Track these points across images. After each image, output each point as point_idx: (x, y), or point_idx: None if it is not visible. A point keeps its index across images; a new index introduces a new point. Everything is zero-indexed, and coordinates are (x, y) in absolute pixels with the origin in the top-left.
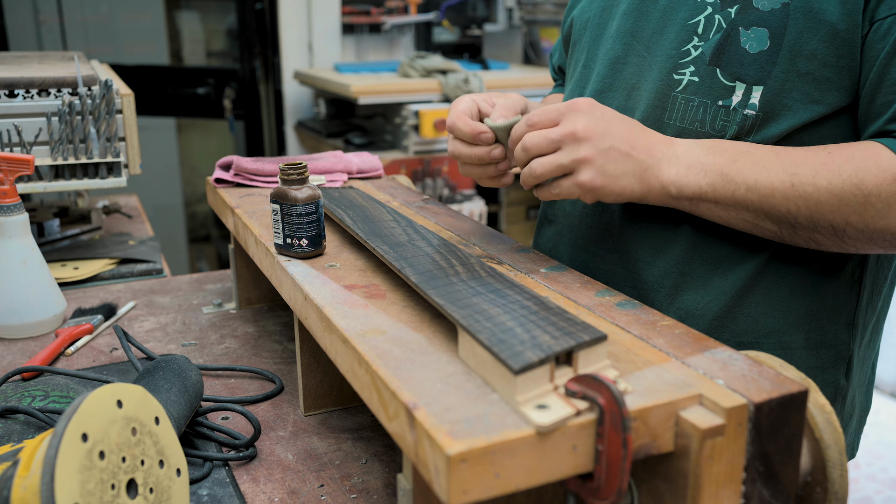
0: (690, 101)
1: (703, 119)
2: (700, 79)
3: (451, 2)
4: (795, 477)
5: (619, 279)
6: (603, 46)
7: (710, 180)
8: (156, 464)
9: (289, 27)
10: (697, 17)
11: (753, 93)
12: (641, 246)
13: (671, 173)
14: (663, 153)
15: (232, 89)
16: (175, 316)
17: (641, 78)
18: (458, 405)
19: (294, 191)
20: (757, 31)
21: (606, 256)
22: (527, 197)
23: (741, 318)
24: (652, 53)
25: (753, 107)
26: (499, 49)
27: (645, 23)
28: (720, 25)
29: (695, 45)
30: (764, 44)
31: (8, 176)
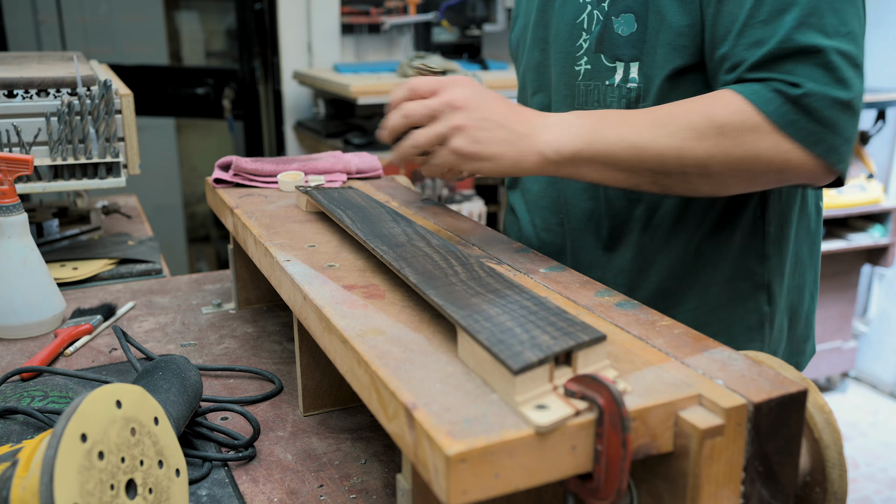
0: (588, 85)
1: (599, 99)
2: (592, 66)
3: (450, 2)
4: (795, 477)
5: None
6: (526, 56)
7: (584, 138)
8: (155, 464)
9: (288, 27)
10: (581, 15)
11: (631, 69)
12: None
13: (547, 138)
14: (539, 123)
15: (231, 89)
16: (174, 316)
17: (556, 76)
18: (458, 405)
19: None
20: (626, 17)
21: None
22: None
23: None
24: (557, 52)
25: (634, 80)
26: (498, 49)
27: (548, 29)
28: (598, 18)
29: (584, 38)
30: (632, 26)
31: (7, 176)
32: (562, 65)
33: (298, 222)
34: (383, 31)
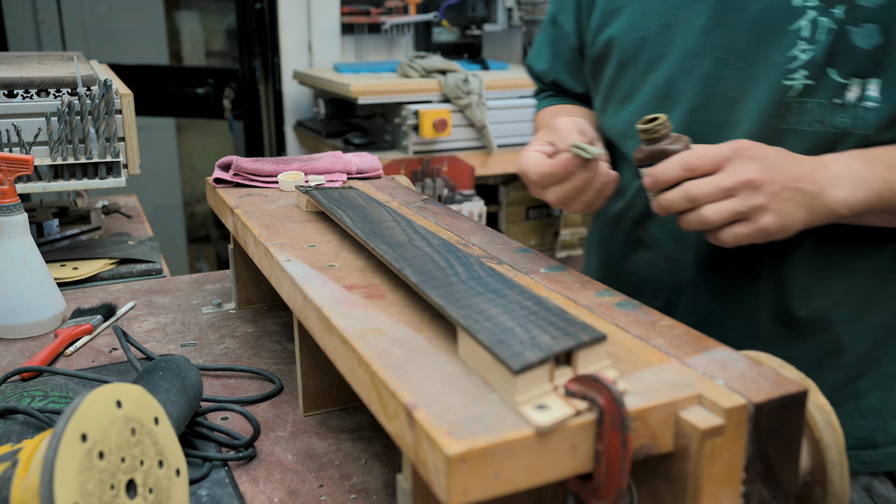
0: (805, 103)
1: (821, 119)
2: (815, 81)
3: (450, 2)
4: (795, 477)
5: (760, 287)
6: (680, 64)
7: (877, 192)
8: (155, 464)
9: (288, 27)
10: (798, 22)
11: (870, 86)
12: (773, 253)
13: (839, 195)
14: (825, 177)
15: (231, 89)
16: (174, 316)
17: (744, 90)
18: (458, 405)
19: (672, 146)
20: (868, 28)
21: (738, 270)
22: (527, 197)
23: (885, 296)
24: (752, 64)
25: (875, 100)
26: (498, 49)
27: (735, 36)
28: (828, 27)
29: (803, 49)
30: (875, 38)
31: (7, 176)
32: (764, 79)
33: (299, 222)
34: (383, 31)
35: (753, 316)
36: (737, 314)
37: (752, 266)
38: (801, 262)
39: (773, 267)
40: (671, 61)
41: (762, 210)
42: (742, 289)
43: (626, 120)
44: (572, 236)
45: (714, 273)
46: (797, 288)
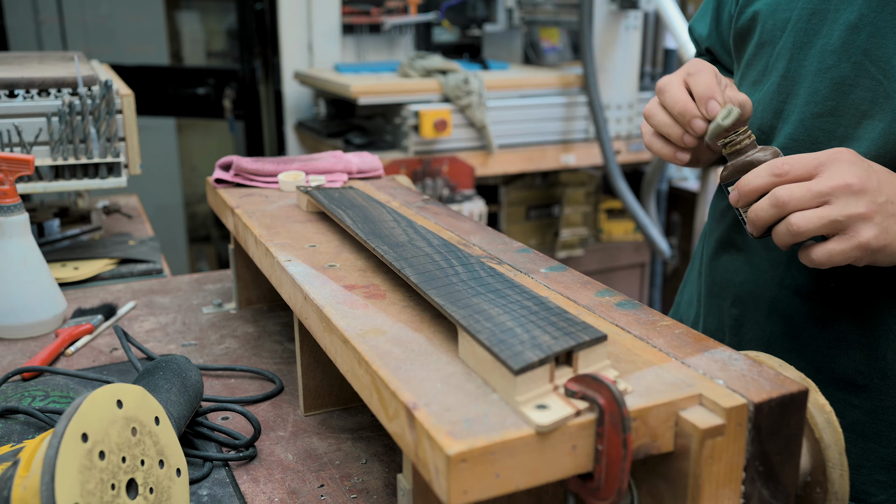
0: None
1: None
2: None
3: (450, 2)
4: (795, 477)
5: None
6: (816, 60)
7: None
8: (156, 464)
9: (289, 27)
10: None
11: None
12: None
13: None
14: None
15: (232, 89)
16: (175, 316)
17: (875, 105)
18: (458, 405)
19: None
20: None
21: (825, 300)
22: (527, 197)
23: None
24: (890, 78)
25: None
26: (499, 49)
27: (882, 41)
28: None
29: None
30: None
31: (8, 176)
32: (891, 95)
33: (299, 222)
34: (384, 31)
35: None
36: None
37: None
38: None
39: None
40: (810, 54)
41: (862, 220)
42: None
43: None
44: (572, 236)
45: (798, 296)
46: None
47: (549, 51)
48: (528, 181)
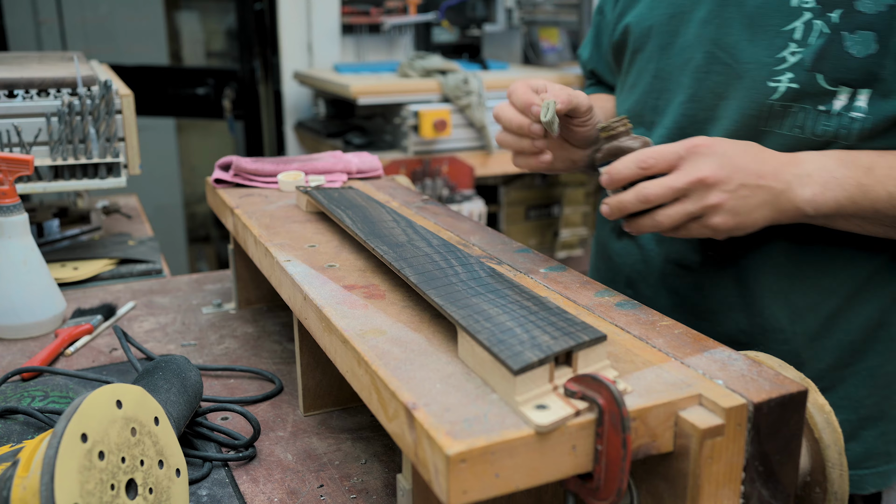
0: (789, 107)
1: (802, 125)
2: (800, 85)
3: (450, 2)
4: (795, 477)
5: (722, 291)
6: (678, 56)
7: (848, 194)
8: (155, 464)
9: (288, 27)
10: (793, 23)
11: (859, 96)
12: (744, 254)
13: (806, 194)
14: (794, 174)
15: (231, 89)
16: (174, 316)
17: (729, 87)
18: (458, 405)
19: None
20: (863, 35)
21: (705, 270)
22: (527, 197)
23: (853, 316)
24: (739, 62)
25: (861, 109)
26: (498, 49)
27: (728, 30)
28: (822, 31)
29: (792, 51)
30: (870, 47)
31: (7, 176)
32: (749, 77)
33: (299, 222)
34: (383, 32)
35: (715, 318)
36: (699, 314)
37: (719, 266)
38: (770, 266)
39: (740, 269)
40: (673, 52)
41: (714, 210)
42: (707, 288)
43: (628, 109)
44: (572, 236)
45: (682, 269)
46: (761, 294)
47: (548, 51)
48: (527, 181)
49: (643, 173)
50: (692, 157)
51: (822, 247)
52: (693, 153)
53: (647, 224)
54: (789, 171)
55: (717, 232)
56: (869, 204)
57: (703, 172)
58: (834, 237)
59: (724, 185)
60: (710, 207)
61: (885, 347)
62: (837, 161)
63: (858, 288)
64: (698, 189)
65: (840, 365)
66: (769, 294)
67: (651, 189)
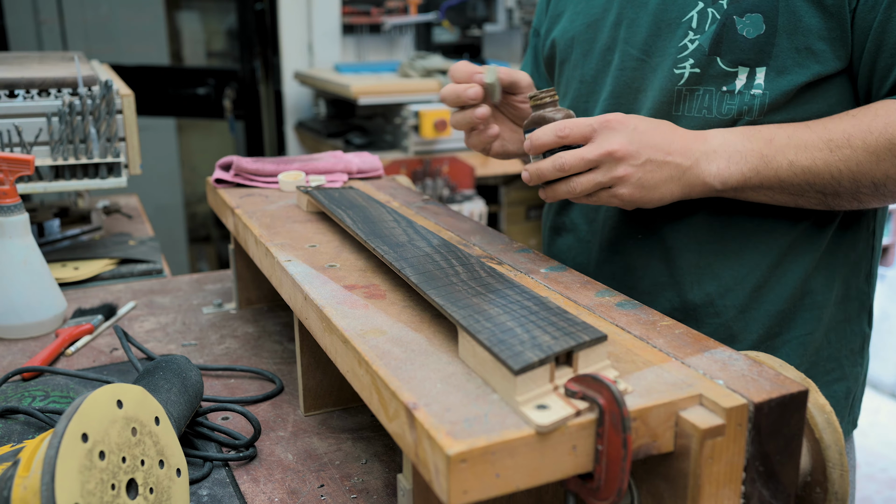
0: (695, 90)
1: (709, 106)
2: (701, 69)
3: (451, 2)
4: (795, 477)
5: (653, 270)
6: (598, 60)
7: (751, 165)
8: (156, 464)
9: (289, 27)
10: (689, 13)
11: (757, 74)
12: (669, 234)
13: (712, 169)
14: (700, 151)
15: (232, 89)
16: (175, 316)
17: (645, 80)
18: (458, 405)
19: (552, 113)
20: (752, 17)
21: (635, 251)
22: (527, 197)
23: (778, 286)
24: (650, 55)
25: (759, 86)
26: (499, 49)
27: (636, 29)
28: (714, 17)
29: (691, 39)
30: (760, 28)
31: (8, 176)
32: (659, 68)
33: (299, 222)
34: (384, 32)
35: (649, 298)
36: (635, 296)
37: (648, 247)
38: (694, 243)
39: (667, 248)
40: (594, 57)
41: (622, 180)
42: (639, 270)
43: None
44: None
45: (615, 254)
46: (689, 271)
47: None
48: None
49: (560, 142)
50: (605, 130)
51: (743, 219)
52: (606, 127)
53: (562, 190)
54: (696, 148)
55: (624, 202)
56: (772, 174)
57: (612, 146)
58: (753, 210)
59: (631, 159)
60: (617, 179)
61: (811, 315)
62: (741, 135)
63: (781, 258)
64: (608, 161)
65: (771, 335)
66: (696, 270)
67: (566, 158)
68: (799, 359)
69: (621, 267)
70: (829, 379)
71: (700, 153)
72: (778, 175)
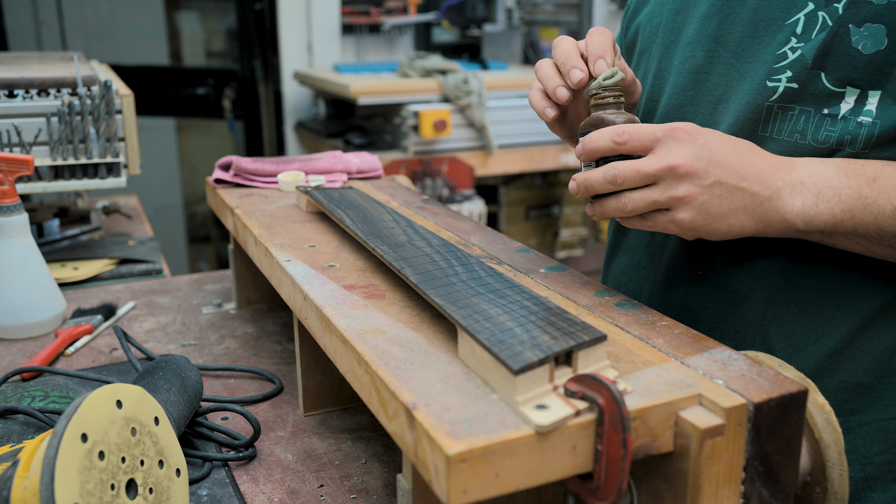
0: (788, 109)
1: (803, 130)
2: (800, 85)
3: (450, 2)
4: (795, 477)
5: (712, 314)
6: (679, 54)
7: (846, 206)
8: (155, 464)
9: (288, 27)
10: (796, 14)
11: (869, 98)
12: (736, 275)
13: (796, 204)
14: (783, 181)
15: (231, 89)
16: (175, 316)
17: (730, 88)
18: (458, 405)
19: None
20: (871, 28)
21: (694, 290)
22: (527, 197)
23: (861, 354)
24: (742, 60)
25: (869, 114)
26: (498, 49)
27: (731, 26)
28: (825, 23)
29: (792, 46)
30: (881, 42)
31: (8, 176)
32: (749, 78)
33: (299, 222)
34: (384, 32)
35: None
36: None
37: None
38: (763, 291)
39: (731, 292)
40: (675, 51)
41: (682, 202)
42: (696, 312)
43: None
44: (572, 236)
45: (670, 289)
46: (753, 321)
47: (548, 51)
48: (527, 181)
49: (617, 149)
50: (670, 140)
51: (828, 270)
52: (671, 137)
53: (612, 207)
54: (779, 177)
55: (684, 229)
56: (871, 219)
57: (675, 160)
58: (840, 260)
59: (697, 178)
60: (677, 200)
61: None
62: (837, 169)
63: (867, 322)
64: (668, 177)
65: (845, 411)
66: (762, 321)
67: (620, 169)
68: (879, 446)
69: (675, 306)
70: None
71: (784, 183)
72: (878, 223)
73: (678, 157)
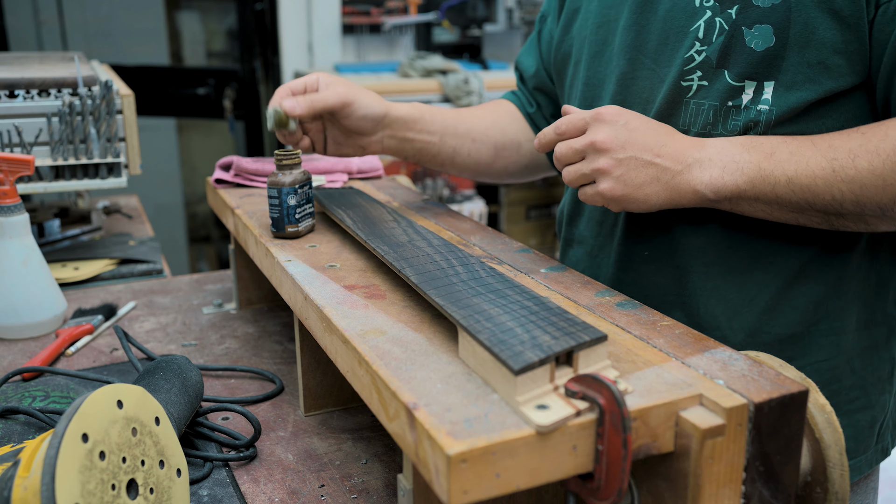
0: (700, 104)
1: (714, 121)
2: (709, 82)
3: (451, 2)
4: (795, 477)
5: (662, 290)
6: (607, 64)
7: (747, 178)
8: (156, 464)
9: (289, 27)
10: (697, 22)
11: (765, 89)
12: (677, 253)
13: (704, 177)
14: (693, 157)
15: (232, 90)
16: (175, 316)
17: (653, 91)
18: (459, 405)
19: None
20: (761, 29)
21: (644, 270)
22: (527, 197)
23: (789, 309)
24: (659, 65)
25: (766, 102)
26: (499, 49)
27: (647, 35)
28: (722, 28)
29: (697, 49)
30: (769, 40)
31: (8, 176)
32: (668, 80)
33: None
34: (384, 32)
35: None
36: None
37: (656, 266)
38: (701, 264)
39: (675, 268)
40: (602, 60)
41: (602, 174)
42: (649, 289)
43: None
44: None
45: (625, 271)
46: (697, 292)
47: None
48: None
49: (559, 138)
50: (595, 122)
51: (752, 239)
52: (597, 119)
53: (563, 180)
54: (690, 154)
55: (607, 199)
56: (769, 189)
57: (597, 137)
58: (762, 230)
59: (613, 152)
60: (597, 171)
61: (828, 341)
62: (740, 146)
63: (791, 280)
64: (591, 152)
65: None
66: (704, 291)
67: (559, 149)
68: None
69: (633, 286)
70: (853, 408)
71: (693, 160)
72: (775, 191)
73: (599, 135)
